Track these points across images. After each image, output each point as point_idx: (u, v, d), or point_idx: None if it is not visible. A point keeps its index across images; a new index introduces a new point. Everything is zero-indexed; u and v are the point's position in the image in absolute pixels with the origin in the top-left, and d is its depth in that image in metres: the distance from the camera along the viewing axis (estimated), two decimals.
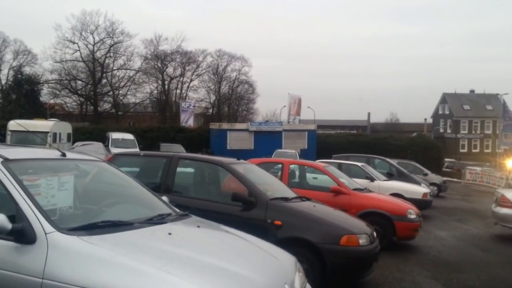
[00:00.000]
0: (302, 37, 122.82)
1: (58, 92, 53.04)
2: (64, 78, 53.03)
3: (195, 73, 59.34)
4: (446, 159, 46.92)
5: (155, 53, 56.65)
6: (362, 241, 6.03)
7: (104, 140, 27.92)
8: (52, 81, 52.91)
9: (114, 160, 7.46)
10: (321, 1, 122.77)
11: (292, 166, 10.82)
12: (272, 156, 23.52)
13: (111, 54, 54.31)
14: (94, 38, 52.84)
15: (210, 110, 62.00)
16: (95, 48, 53.28)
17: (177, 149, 25.51)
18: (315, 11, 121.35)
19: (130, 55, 54.84)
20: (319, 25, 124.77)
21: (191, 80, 59.40)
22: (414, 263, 8.37)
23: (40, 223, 2.90)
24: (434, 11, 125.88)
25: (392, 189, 13.37)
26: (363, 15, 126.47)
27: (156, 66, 56.83)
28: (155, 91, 58.14)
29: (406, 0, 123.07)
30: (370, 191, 10.57)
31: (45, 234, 2.86)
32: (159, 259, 2.83)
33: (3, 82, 53.50)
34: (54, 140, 22.97)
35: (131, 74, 55.56)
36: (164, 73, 57.15)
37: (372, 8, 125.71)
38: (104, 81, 55.18)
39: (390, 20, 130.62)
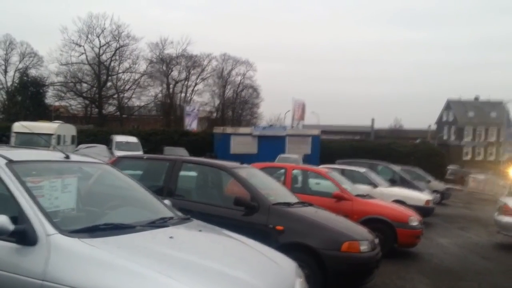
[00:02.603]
0: (307, 41, 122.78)
1: (63, 95, 53.24)
2: (69, 81, 53.26)
3: (199, 77, 59.59)
4: (450, 167, 46.78)
5: (161, 56, 56.89)
6: (364, 247, 6.02)
7: (108, 142, 27.96)
8: (58, 84, 53.13)
9: (117, 163, 7.48)
10: (326, 5, 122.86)
11: (295, 171, 10.83)
12: (276, 161, 23.50)
13: (117, 57, 54.54)
14: (100, 41, 53.11)
15: (214, 114, 62.13)
16: (101, 51, 53.51)
17: (181, 153, 25.52)
18: (320, 16, 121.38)
19: (136, 58, 55.11)
20: (323, 30, 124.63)
21: (196, 84, 59.71)
22: (415, 270, 8.35)
23: (42, 224, 2.92)
24: (439, 17, 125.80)
25: (395, 195, 13.34)
26: (368, 20, 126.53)
27: (161, 70, 57.01)
28: (160, 95, 58.38)
29: (411, 5, 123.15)
30: (373, 197, 10.55)
31: (47, 236, 2.87)
32: (160, 262, 2.85)
33: (9, 84, 53.73)
34: (58, 142, 23.01)
35: (136, 77, 55.80)
36: (169, 76, 57.36)
37: (377, 13, 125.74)
38: (109, 84, 55.35)
39: (395, 25, 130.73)
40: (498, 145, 56.89)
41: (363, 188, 11.92)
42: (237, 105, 64.27)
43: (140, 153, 22.96)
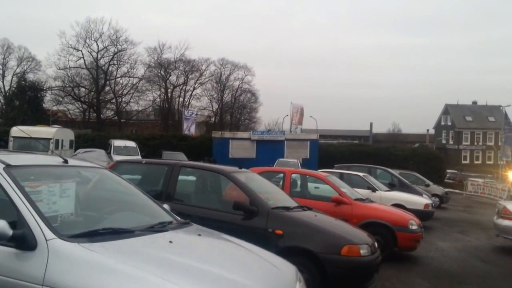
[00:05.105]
0: (305, 46, 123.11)
1: (61, 99, 53.31)
2: (67, 85, 53.35)
3: (198, 81, 59.78)
4: (448, 170, 46.84)
5: (159, 61, 57.02)
6: (363, 251, 6.00)
7: (106, 147, 27.94)
8: (56, 88, 53.24)
9: (116, 167, 7.46)
10: (325, 10, 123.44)
11: (293, 175, 10.80)
12: (274, 165, 23.49)
13: (115, 61, 54.74)
14: (98, 46, 53.32)
15: (213, 119, 62.22)
16: (99, 56, 53.68)
17: (179, 157, 25.52)
18: (319, 20, 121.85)
19: (134, 63, 55.31)
20: (322, 34, 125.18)
21: (194, 89, 59.85)
22: (415, 274, 8.33)
23: (41, 229, 2.90)
24: (438, 22, 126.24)
25: (394, 199, 13.34)
26: (366, 25, 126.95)
27: (159, 74, 57.14)
28: (158, 99, 58.52)
29: (410, 11, 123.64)
30: (372, 201, 10.53)
31: (46, 240, 2.86)
32: (159, 267, 2.83)
33: (7, 88, 53.83)
34: (57, 147, 23.00)
35: (134, 82, 55.99)
36: (167, 81, 57.49)
37: (376, 18, 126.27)
38: (107, 88, 55.47)
39: (394, 30, 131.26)
40: (497, 149, 56.88)
41: (362, 192, 11.89)
42: (235, 109, 64.40)
43: (138, 157, 22.94)
